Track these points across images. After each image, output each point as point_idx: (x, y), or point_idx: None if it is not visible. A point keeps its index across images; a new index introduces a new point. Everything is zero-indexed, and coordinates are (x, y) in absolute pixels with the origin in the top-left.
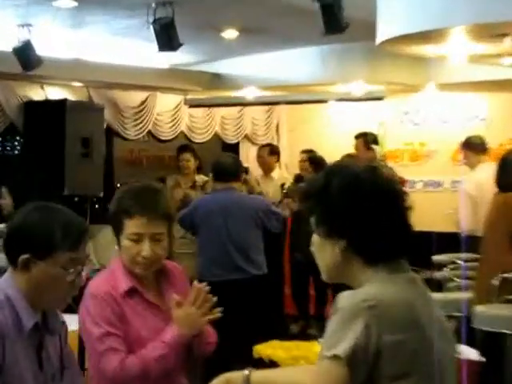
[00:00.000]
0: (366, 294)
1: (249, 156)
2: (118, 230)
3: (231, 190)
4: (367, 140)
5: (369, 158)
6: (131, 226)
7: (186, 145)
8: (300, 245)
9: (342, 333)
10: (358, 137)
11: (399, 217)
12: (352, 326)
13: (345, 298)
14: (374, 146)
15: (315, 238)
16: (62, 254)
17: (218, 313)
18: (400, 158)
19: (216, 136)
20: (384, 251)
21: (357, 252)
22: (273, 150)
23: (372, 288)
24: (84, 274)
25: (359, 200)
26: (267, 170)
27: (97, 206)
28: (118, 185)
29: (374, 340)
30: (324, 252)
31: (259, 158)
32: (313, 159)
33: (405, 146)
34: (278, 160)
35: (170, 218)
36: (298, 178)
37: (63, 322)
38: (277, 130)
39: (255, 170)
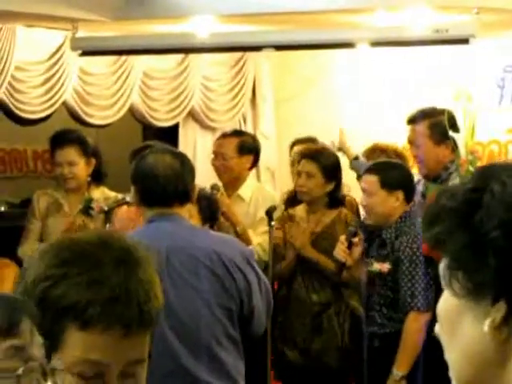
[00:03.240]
0: None
1: (197, 151)
2: (45, 341)
3: (173, 219)
4: (438, 124)
5: (439, 156)
6: (83, 345)
7: (67, 131)
8: (292, 333)
9: None
10: (415, 119)
11: None
12: None
13: None
14: (452, 134)
15: (447, 299)
16: None
17: None
18: (499, 158)
19: (133, 112)
20: None
21: None
22: (244, 145)
23: None
24: None
25: None
26: (232, 182)
27: None
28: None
29: None
30: (461, 328)
31: (217, 158)
32: (310, 154)
33: (510, 134)
34: (256, 163)
35: (153, 321)
36: (290, 200)
37: None
38: (252, 102)
39: (209, 177)
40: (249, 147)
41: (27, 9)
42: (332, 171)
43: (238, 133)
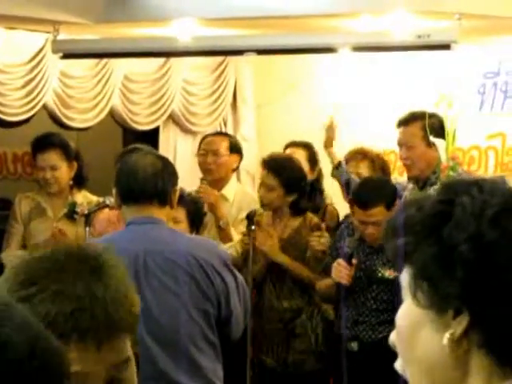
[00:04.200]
0: None
1: (177, 155)
2: None
3: (151, 222)
4: (430, 126)
5: (430, 158)
6: None
7: (49, 135)
8: (267, 340)
9: None
10: (407, 120)
11: None
12: None
13: None
14: (434, 140)
15: (408, 309)
16: None
17: None
18: (478, 165)
19: (113, 115)
20: None
21: (488, 343)
22: (233, 145)
23: None
24: None
25: None
26: (218, 181)
27: None
28: None
29: None
30: (420, 339)
31: (208, 155)
32: (271, 167)
33: (490, 140)
34: (239, 165)
35: (126, 326)
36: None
37: None
38: (233, 106)
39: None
40: (237, 147)
41: (8, 11)
42: (293, 184)
43: (224, 133)
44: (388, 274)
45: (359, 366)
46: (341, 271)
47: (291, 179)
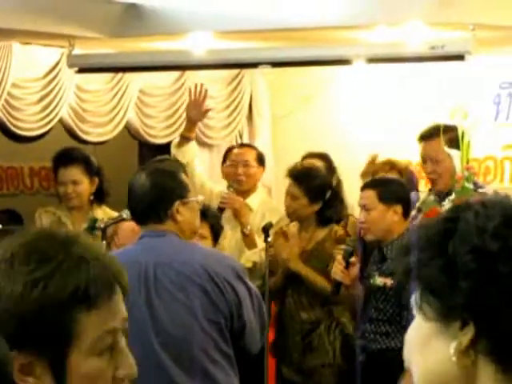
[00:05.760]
0: None
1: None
2: (55, 343)
3: (162, 235)
4: (453, 140)
5: (452, 172)
6: (98, 321)
7: (71, 150)
8: (287, 350)
9: None
10: (431, 134)
11: None
12: None
13: None
14: (449, 151)
15: (417, 323)
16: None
17: None
18: (494, 175)
19: (129, 129)
20: None
21: (495, 351)
22: (261, 156)
23: None
24: None
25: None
26: (244, 191)
27: None
28: None
29: None
30: (429, 351)
31: (238, 166)
32: (295, 176)
33: (506, 150)
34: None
35: None
36: None
37: None
38: (249, 118)
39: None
40: (262, 159)
41: (24, 26)
42: (317, 193)
43: (251, 145)
44: (379, 281)
45: (367, 379)
46: (336, 267)
47: (315, 188)
